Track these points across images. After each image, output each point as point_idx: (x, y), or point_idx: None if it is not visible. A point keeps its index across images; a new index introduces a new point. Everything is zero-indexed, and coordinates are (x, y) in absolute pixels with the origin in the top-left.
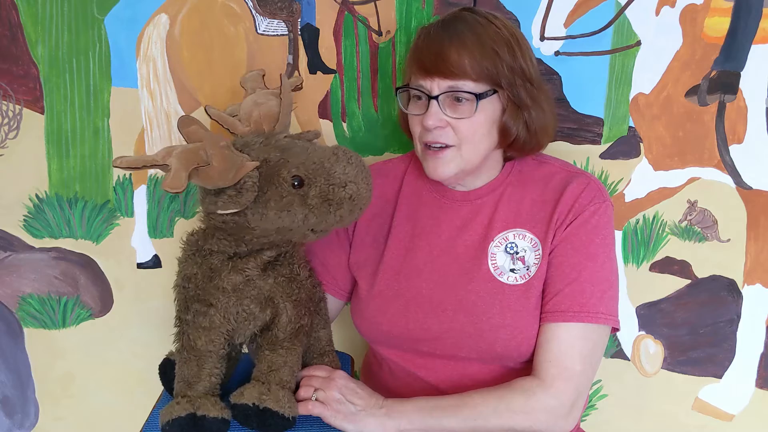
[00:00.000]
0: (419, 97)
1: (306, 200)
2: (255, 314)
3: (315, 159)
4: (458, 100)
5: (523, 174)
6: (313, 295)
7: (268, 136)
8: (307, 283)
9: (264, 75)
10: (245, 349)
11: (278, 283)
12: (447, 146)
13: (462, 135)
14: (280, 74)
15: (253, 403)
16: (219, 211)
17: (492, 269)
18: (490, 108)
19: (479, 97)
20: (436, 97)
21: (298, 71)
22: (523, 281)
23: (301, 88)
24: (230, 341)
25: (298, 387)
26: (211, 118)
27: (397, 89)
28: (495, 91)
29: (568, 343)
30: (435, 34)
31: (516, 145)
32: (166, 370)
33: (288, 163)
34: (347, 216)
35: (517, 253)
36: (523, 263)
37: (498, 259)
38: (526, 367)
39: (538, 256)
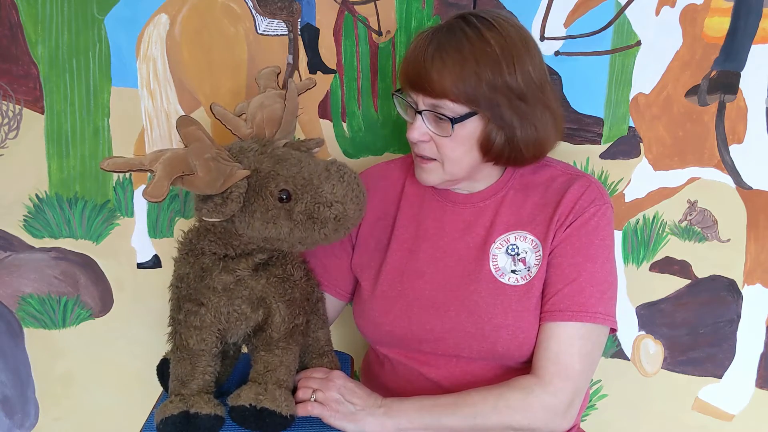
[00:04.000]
0: (411, 106)
1: (291, 215)
2: (246, 314)
3: (306, 174)
4: (440, 117)
5: (525, 177)
6: (309, 294)
7: (265, 144)
8: (302, 282)
9: (279, 73)
10: (245, 349)
11: (271, 283)
12: (431, 158)
13: (443, 152)
14: (286, 77)
15: (250, 404)
16: (203, 218)
17: (493, 270)
18: (471, 127)
19: (454, 121)
20: (420, 112)
21: (299, 71)
22: (524, 282)
23: (313, 86)
24: (223, 340)
25: (296, 389)
26: (214, 116)
27: (393, 93)
28: (474, 113)
29: (566, 342)
30: (420, 49)
31: (501, 161)
32: (164, 369)
33: (278, 176)
34: (332, 235)
35: (518, 254)
36: (524, 264)
37: (499, 260)
38: (528, 367)
39: (538, 257)
